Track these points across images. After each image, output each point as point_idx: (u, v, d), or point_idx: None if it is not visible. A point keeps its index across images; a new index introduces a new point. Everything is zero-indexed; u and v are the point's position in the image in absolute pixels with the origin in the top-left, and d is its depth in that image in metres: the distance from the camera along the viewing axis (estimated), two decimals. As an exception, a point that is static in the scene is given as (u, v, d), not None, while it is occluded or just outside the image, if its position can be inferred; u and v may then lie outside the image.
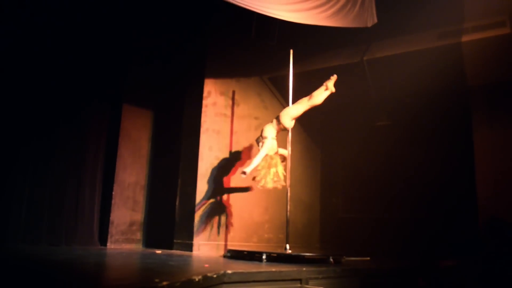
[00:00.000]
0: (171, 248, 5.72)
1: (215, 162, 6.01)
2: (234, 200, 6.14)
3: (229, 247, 5.59)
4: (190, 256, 4.86)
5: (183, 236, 5.75)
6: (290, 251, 4.79)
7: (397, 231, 6.67)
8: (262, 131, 5.28)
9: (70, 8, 5.30)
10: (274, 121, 5.27)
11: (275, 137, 5.26)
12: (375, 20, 5.67)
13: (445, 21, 5.90)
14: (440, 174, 6.56)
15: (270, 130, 5.23)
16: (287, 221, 5.07)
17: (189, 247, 5.59)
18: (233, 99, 6.37)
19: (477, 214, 5.76)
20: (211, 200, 5.89)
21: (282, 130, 5.25)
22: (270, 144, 5.15)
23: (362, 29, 5.67)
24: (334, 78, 5.10)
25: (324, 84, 5.11)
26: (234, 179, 6.19)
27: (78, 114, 5.60)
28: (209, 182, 5.91)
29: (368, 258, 5.52)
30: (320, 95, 5.11)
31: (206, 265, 3.79)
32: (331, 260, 4.52)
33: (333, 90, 5.08)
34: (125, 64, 6.13)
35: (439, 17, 5.93)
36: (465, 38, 5.61)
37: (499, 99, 5.99)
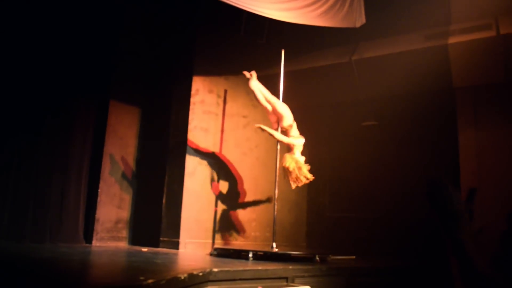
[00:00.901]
0: (157, 246, 5.69)
1: (202, 160, 6.00)
2: (221, 198, 6.13)
3: (216, 245, 5.59)
4: (176, 254, 4.85)
5: (170, 234, 5.72)
6: (276, 250, 4.80)
7: (382, 230, 6.72)
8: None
9: (58, 2, 5.25)
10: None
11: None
12: (364, 21, 5.72)
13: (432, 23, 5.97)
14: (426, 174, 6.63)
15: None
16: (274, 220, 5.08)
17: (176, 245, 5.57)
18: (224, 97, 6.36)
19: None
20: (198, 198, 5.88)
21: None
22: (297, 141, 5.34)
23: (351, 29, 5.71)
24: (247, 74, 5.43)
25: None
26: (222, 177, 6.19)
27: (65, 110, 5.52)
28: (196, 180, 5.89)
29: (354, 257, 5.56)
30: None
31: (192, 263, 3.79)
32: (317, 258, 4.54)
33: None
34: (113, 60, 6.07)
35: (427, 19, 5.99)
36: (452, 40, 5.67)
37: (484, 100, 6.07)
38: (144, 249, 5.28)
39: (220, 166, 6.20)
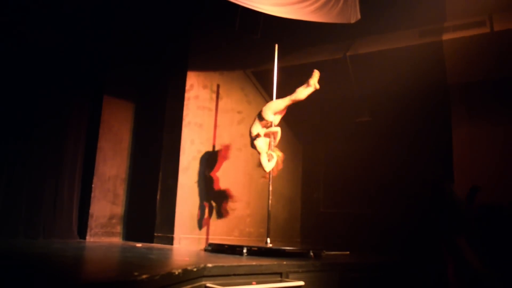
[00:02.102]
0: (151, 242, 5.69)
1: (197, 156, 5.99)
2: (215, 194, 6.13)
3: (210, 241, 5.59)
4: (171, 250, 4.85)
5: (164, 229, 5.72)
6: (270, 245, 4.81)
7: (376, 226, 6.76)
8: (250, 133, 5.18)
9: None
10: (256, 118, 5.18)
11: (263, 134, 5.17)
12: (359, 17, 5.72)
13: (427, 20, 5.98)
14: (420, 170, 6.67)
15: (256, 130, 5.14)
16: (269, 215, 5.09)
17: (170, 241, 5.57)
18: (217, 92, 6.34)
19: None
20: (193, 194, 5.87)
21: (266, 125, 5.14)
22: (262, 143, 5.12)
23: (346, 25, 5.71)
24: (316, 74, 5.04)
25: (308, 81, 5.08)
26: (216, 173, 6.19)
27: (58, 105, 5.48)
28: (190, 175, 5.88)
29: (348, 253, 5.59)
30: (303, 91, 5.06)
31: (186, 259, 3.79)
32: (311, 254, 4.56)
33: (317, 86, 5.05)
34: (107, 55, 6.03)
35: (421, 16, 6.01)
36: (446, 37, 5.69)
37: (477, 97, 6.11)
38: (138, 245, 5.27)
39: (214, 162, 6.19)
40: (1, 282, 2.14)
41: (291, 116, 5.62)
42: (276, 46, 5.48)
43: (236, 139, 6.49)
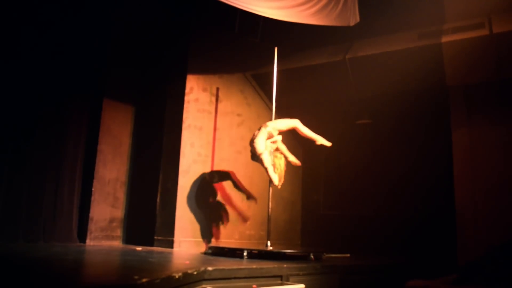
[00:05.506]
0: (151, 245, 5.68)
1: (197, 159, 5.99)
2: (216, 197, 6.13)
3: (210, 244, 5.59)
4: (171, 253, 4.85)
5: (164, 232, 5.71)
6: (271, 248, 4.81)
7: (376, 228, 6.76)
8: (254, 148, 4.95)
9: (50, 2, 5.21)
10: (261, 133, 5.01)
11: (268, 145, 5.04)
12: (358, 19, 5.73)
13: (426, 22, 6.00)
14: (419, 172, 6.68)
15: (261, 144, 4.94)
16: (269, 218, 5.09)
17: (170, 244, 5.56)
18: (217, 95, 6.35)
19: (455, 211, 5.88)
20: (193, 197, 5.87)
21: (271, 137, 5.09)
22: (267, 156, 4.91)
23: (345, 27, 5.72)
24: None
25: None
26: (216, 176, 6.19)
27: (57, 108, 5.48)
28: (190, 178, 5.88)
29: (348, 255, 5.59)
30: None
31: (187, 262, 3.78)
32: (312, 256, 4.56)
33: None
34: (107, 58, 6.04)
35: (420, 18, 6.02)
36: (445, 39, 5.70)
37: (477, 99, 6.11)
38: (139, 248, 5.26)
39: (214, 165, 6.19)
40: (2, 286, 2.14)
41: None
42: (276, 49, 5.50)
43: (236, 141, 6.50)
